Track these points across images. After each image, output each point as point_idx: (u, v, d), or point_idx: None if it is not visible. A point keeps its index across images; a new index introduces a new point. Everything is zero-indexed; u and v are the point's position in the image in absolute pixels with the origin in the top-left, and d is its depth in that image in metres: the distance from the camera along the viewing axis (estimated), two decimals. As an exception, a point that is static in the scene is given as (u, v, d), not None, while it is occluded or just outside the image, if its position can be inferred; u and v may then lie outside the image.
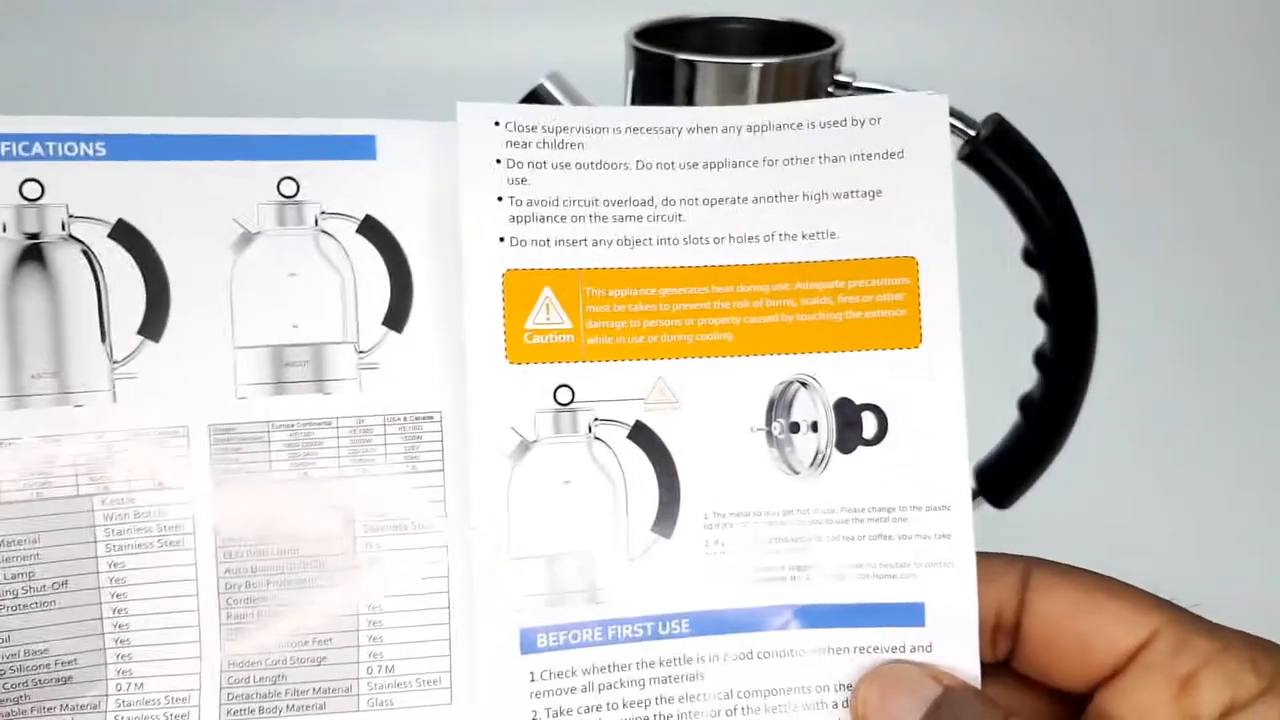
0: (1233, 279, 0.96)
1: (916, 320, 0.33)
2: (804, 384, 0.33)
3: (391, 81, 1.04)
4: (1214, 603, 0.63)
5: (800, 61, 0.48)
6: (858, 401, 0.33)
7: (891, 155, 0.33)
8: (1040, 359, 0.52)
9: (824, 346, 0.33)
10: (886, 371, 0.33)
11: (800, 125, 0.33)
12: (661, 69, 0.48)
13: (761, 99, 0.47)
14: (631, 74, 0.49)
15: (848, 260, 0.33)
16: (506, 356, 0.32)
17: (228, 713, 0.32)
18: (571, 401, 0.33)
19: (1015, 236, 0.49)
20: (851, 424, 0.33)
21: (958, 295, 0.33)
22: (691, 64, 0.47)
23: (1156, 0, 1.05)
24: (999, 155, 0.48)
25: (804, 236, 0.33)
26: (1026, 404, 0.53)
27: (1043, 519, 0.61)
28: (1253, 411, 0.83)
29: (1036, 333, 0.51)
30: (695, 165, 0.33)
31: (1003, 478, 0.55)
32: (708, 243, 0.33)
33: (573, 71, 0.51)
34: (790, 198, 0.33)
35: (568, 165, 0.33)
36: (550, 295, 0.32)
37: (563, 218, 0.33)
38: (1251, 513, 0.72)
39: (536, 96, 0.50)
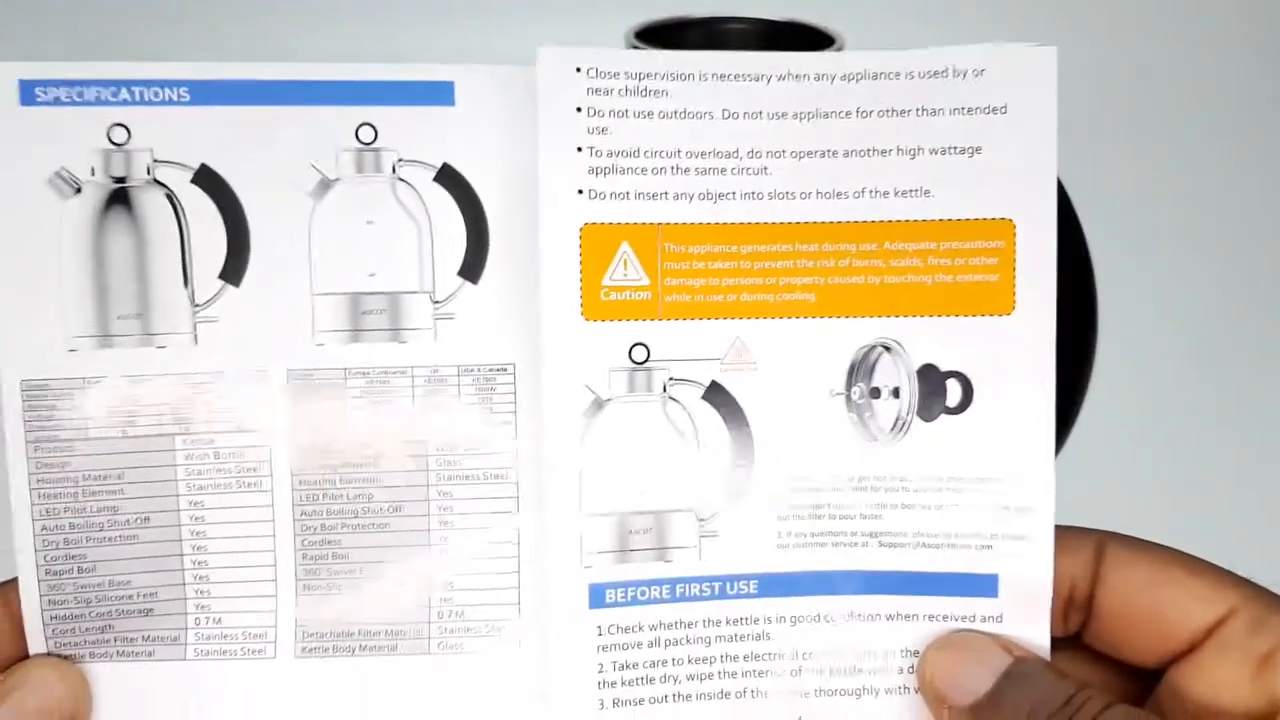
0: (1233, 279, 0.93)
1: (1010, 286, 0.31)
2: (887, 348, 0.31)
3: None
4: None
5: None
6: (943, 368, 0.31)
7: (995, 110, 0.31)
8: None
9: (911, 310, 0.31)
10: (976, 338, 0.31)
11: (898, 75, 0.31)
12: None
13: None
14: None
15: (941, 221, 0.31)
16: (582, 313, 0.31)
17: (303, 649, 0.32)
18: (647, 360, 0.31)
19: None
20: (935, 392, 0.31)
21: (1055, 262, 0.31)
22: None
23: (1156, 0, 1.01)
24: None
25: (896, 194, 0.31)
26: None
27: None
28: (1254, 411, 0.80)
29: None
30: (784, 115, 0.31)
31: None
32: (794, 198, 0.31)
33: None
34: (884, 152, 0.31)
35: (650, 114, 0.31)
36: (628, 250, 0.31)
37: (643, 170, 0.31)
38: (1253, 512, 0.70)
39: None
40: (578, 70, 0.31)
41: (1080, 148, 0.67)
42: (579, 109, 0.31)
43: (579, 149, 0.31)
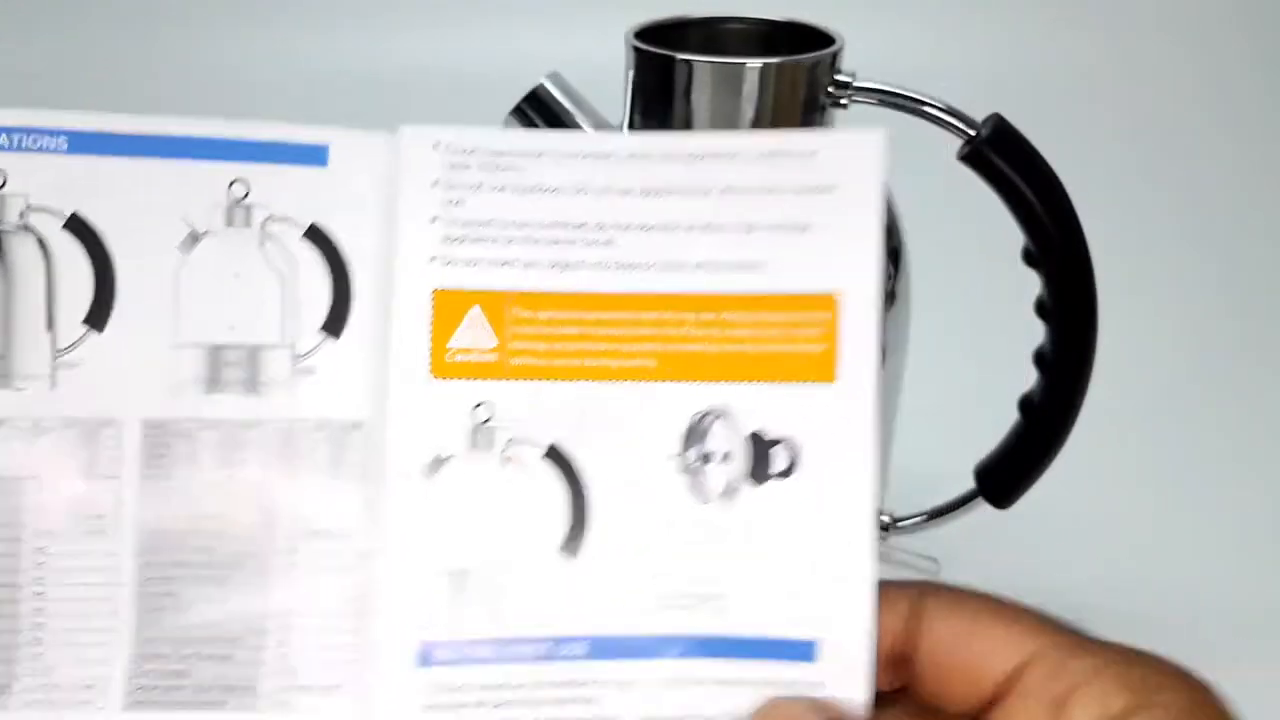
0: (1233, 278, 0.91)
1: (833, 356, 0.31)
2: (720, 414, 0.31)
3: (393, 82, 1.03)
4: (1213, 601, 0.59)
5: (800, 62, 0.45)
6: (772, 434, 0.31)
7: (823, 190, 0.31)
8: (1040, 359, 0.48)
9: (743, 377, 0.31)
10: (801, 405, 0.30)
11: (737, 156, 0.31)
12: (661, 69, 0.45)
13: (761, 99, 0.44)
14: (631, 74, 0.47)
15: (773, 294, 0.31)
16: (430, 371, 0.30)
17: (133, 703, 0.30)
18: (489, 420, 0.30)
19: (1015, 237, 0.46)
20: (763, 457, 0.30)
21: (877, 333, 0.31)
22: (691, 64, 0.44)
23: (1156, 0, 0.99)
24: (999, 155, 0.45)
25: (732, 267, 0.31)
26: (1026, 404, 0.50)
27: (1042, 519, 0.57)
28: (1253, 411, 0.78)
29: (1036, 332, 0.48)
30: (631, 192, 0.31)
31: (1003, 477, 0.51)
32: (637, 269, 0.31)
33: (573, 72, 0.49)
34: (722, 228, 0.31)
35: (504, 188, 0.31)
36: (478, 314, 0.31)
37: (495, 239, 0.31)
38: (1251, 512, 0.67)
39: (536, 96, 0.48)
40: (435, 146, 0.31)
41: (1080, 148, 0.66)
42: (436, 182, 0.31)
43: (434, 219, 0.31)
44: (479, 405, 0.30)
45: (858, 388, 0.30)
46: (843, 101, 0.46)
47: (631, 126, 0.47)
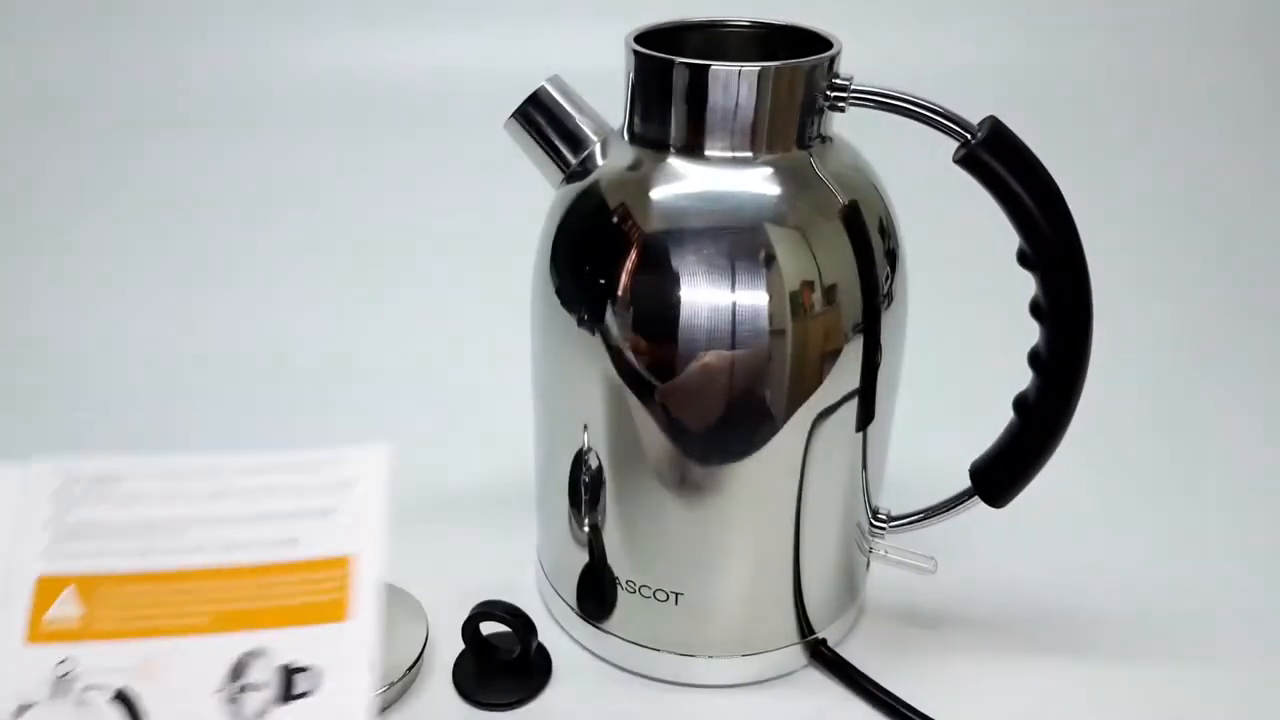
0: (1228, 279, 0.91)
1: (345, 602, 0.41)
2: (258, 654, 0.40)
3: (394, 84, 1.03)
4: (1210, 601, 0.59)
5: (797, 66, 0.44)
6: (299, 664, 0.40)
7: (345, 485, 0.43)
8: (1035, 359, 0.48)
9: (278, 624, 0.40)
10: (322, 640, 0.40)
11: (284, 469, 0.43)
12: (661, 73, 0.45)
13: (759, 102, 0.44)
14: (631, 78, 0.46)
15: (303, 560, 0.42)
16: (26, 638, 0.40)
17: None
18: (68, 673, 0.39)
19: (1010, 238, 0.46)
20: (289, 683, 0.39)
21: (380, 586, 0.41)
22: (690, 68, 0.44)
23: (1155, 1, 0.98)
24: (994, 158, 0.45)
25: (275, 544, 0.42)
26: (1021, 404, 0.49)
27: (1037, 518, 0.57)
28: (1248, 411, 0.78)
29: (1031, 332, 0.47)
30: (201, 497, 0.43)
31: (998, 477, 0.51)
32: (202, 551, 0.42)
33: (573, 75, 0.49)
34: (269, 517, 0.42)
35: (105, 500, 0.42)
36: (71, 592, 0.40)
37: (93, 537, 0.41)
38: (1246, 512, 0.67)
39: (537, 99, 0.48)
40: (54, 474, 0.42)
41: (1076, 150, 0.66)
42: (53, 495, 0.42)
43: (45, 524, 0.42)
44: (62, 661, 0.39)
45: (364, 623, 0.40)
46: (840, 105, 0.46)
47: (631, 128, 0.47)
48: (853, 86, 0.45)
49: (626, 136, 0.48)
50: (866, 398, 0.48)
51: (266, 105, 1.05)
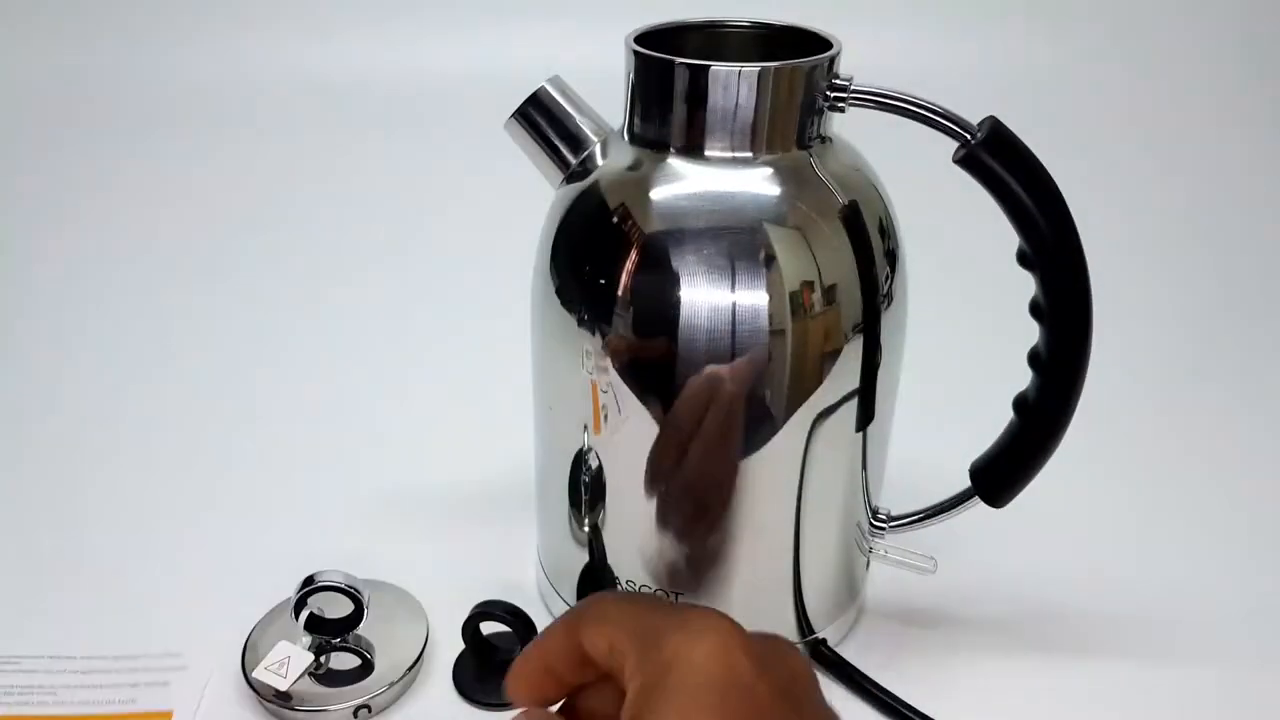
0: (1228, 279, 0.91)
1: None
2: None
3: (396, 84, 1.02)
4: (1210, 600, 0.58)
5: (797, 66, 0.44)
6: None
7: (175, 669, 0.52)
8: (1035, 359, 0.48)
9: None
10: None
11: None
12: (661, 73, 0.44)
13: (759, 103, 0.44)
14: (631, 78, 0.46)
15: (137, 713, 0.50)
16: None
17: None
18: None
19: (1010, 238, 0.45)
20: None
21: None
22: (690, 68, 0.44)
23: (1155, 1, 0.98)
24: (994, 158, 0.44)
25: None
26: (1021, 404, 0.49)
27: (1037, 518, 0.57)
28: (1247, 411, 0.78)
29: (1031, 332, 0.47)
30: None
31: (998, 477, 0.51)
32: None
33: (573, 76, 0.48)
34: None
35: None
36: None
37: None
38: (1246, 512, 0.67)
39: (537, 99, 0.48)
40: None
41: (1076, 150, 0.66)
42: None
43: None
44: None
45: None
46: (840, 105, 0.45)
47: (631, 129, 0.47)
48: (853, 87, 0.45)
49: (626, 137, 0.48)
50: (866, 398, 0.47)
51: (267, 106, 1.05)
